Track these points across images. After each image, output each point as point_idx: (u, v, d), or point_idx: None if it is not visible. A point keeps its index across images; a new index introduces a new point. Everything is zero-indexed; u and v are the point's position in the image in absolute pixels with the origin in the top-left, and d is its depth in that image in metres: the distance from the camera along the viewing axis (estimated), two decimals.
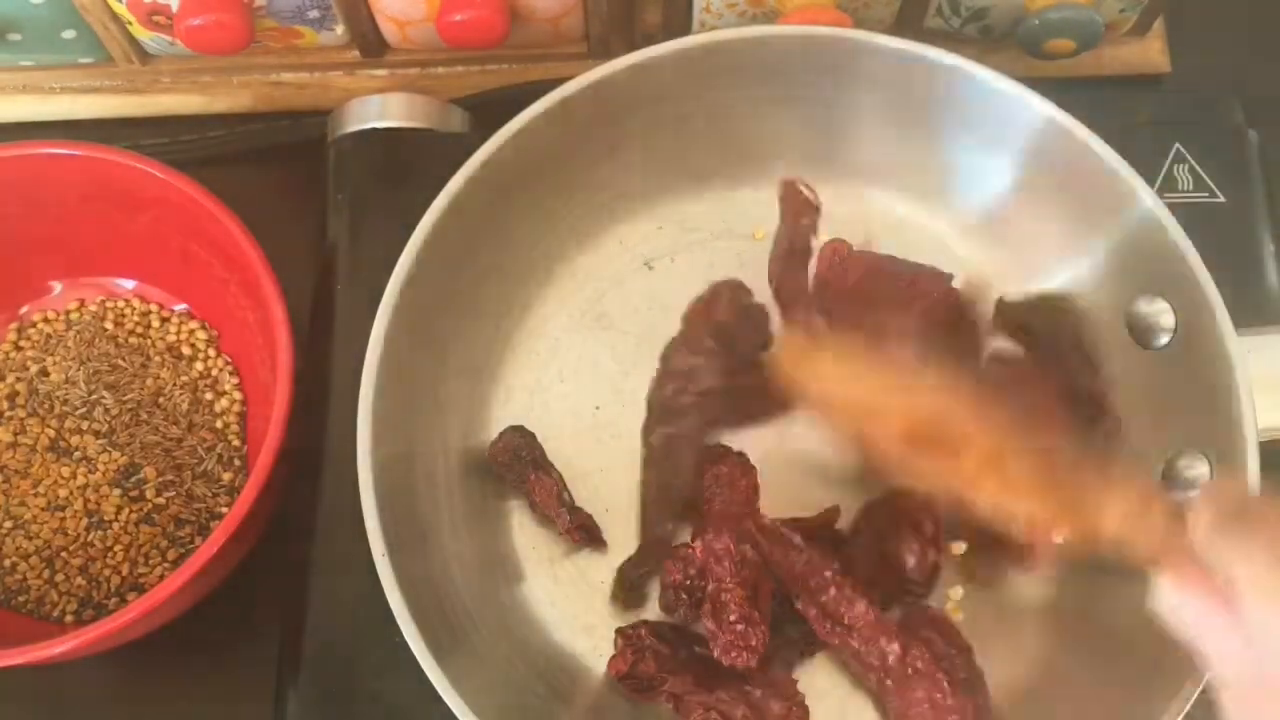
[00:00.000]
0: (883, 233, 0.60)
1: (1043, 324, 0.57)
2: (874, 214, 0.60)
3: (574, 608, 0.55)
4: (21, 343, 0.63)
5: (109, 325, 0.63)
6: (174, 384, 0.61)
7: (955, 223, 0.60)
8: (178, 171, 0.57)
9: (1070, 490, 0.43)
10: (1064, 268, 0.57)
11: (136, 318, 0.63)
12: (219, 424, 0.61)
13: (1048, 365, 0.55)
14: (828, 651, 0.53)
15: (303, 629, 0.53)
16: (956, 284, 0.56)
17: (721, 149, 0.60)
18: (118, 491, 0.59)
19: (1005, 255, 0.59)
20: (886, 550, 0.53)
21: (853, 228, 0.58)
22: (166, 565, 0.59)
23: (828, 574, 0.51)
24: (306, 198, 0.62)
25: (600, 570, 0.55)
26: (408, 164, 0.59)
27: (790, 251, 0.57)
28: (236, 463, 0.61)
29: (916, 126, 0.58)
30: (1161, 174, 0.60)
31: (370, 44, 0.66)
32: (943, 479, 0.46)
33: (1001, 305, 0.57)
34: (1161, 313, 0.54)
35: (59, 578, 0.58)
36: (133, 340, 0.63)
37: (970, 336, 0.55)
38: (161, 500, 0.59)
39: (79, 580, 0.58)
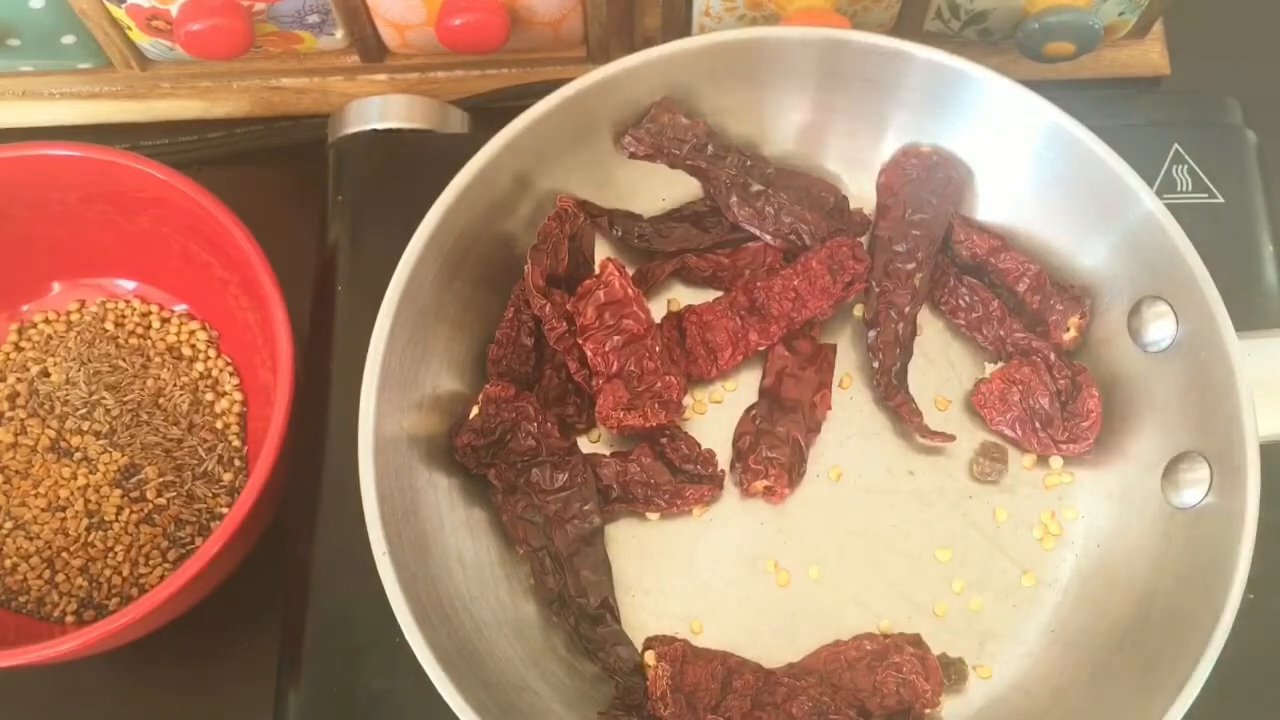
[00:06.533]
0: None
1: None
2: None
3: None
4: (22, 343, 0.63)
5: (109, 326, 0.63)
6: (174, 384, 0.62)
7: None
8: (177, 172, 0.57)
9: None
10: (1065, 269, 0.57)
11: (137, 318, 0.63)
12: (219, 424, 0.61)
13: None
14: None
15: (303, 629, 0.53)
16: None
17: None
18: (118, 492, 0.59)
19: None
20: None
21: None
22: (167, 565, 0.59)
23: None
24: (306, 199, 0.62)
25: None
26: (408, 165, 0.60)
27: None
28: (237, 463, 0.61)
29: (916, 129, 0.58)
30: (1160, 175, 0.60)
31: (370, 49, 0.66)
32: None
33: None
34: (1162, 315, 0.54)
35: (59, 578, 0.58)
36: (133, 341, 0.63)
37: None
38: (162, 501, 0.59)
39: (79, 581, 0.58)
